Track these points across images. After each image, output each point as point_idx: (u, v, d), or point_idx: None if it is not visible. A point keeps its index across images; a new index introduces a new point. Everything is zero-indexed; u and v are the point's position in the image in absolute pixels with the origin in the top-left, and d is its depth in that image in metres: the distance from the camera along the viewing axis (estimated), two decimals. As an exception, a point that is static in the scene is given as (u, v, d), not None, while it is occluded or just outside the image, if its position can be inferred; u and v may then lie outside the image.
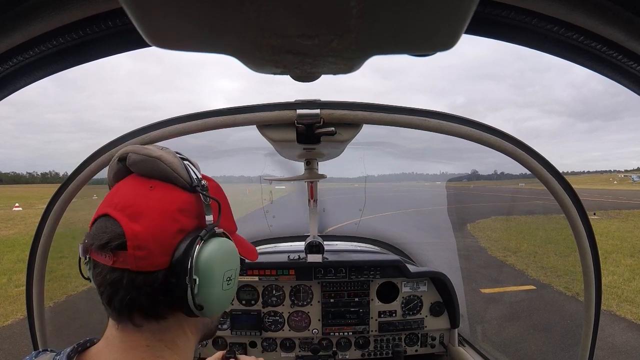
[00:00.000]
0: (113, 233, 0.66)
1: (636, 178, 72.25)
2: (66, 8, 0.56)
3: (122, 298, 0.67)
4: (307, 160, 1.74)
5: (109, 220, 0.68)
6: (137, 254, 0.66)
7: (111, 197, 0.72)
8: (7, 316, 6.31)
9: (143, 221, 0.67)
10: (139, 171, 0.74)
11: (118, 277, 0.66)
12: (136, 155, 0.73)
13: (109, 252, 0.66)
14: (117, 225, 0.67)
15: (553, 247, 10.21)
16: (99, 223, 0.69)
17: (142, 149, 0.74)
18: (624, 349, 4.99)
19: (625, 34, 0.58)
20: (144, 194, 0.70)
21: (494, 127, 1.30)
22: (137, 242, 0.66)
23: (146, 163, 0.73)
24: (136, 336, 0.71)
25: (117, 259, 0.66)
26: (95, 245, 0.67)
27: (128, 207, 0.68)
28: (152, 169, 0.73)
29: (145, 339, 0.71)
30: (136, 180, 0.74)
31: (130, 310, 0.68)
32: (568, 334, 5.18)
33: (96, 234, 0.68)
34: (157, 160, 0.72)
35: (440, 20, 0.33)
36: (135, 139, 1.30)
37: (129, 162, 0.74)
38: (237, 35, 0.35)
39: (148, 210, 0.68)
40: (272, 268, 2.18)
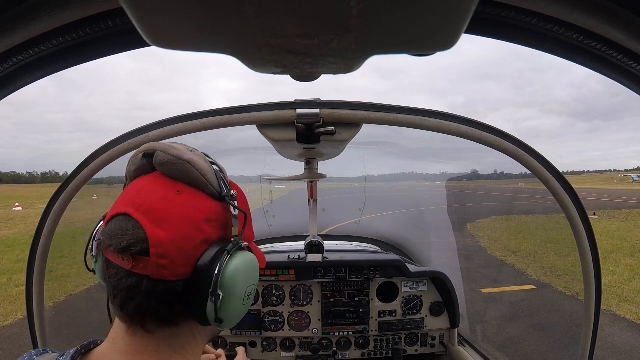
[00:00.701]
0: (135, 237, 0.63)
1: (636, 178, 72.29)
2: (66, 8, 0.56)
3: (139, 304, 0.64)
4: (307, 160, 1.74)
5: (130, 221, 0.64)
6: (160, 262, 0.63)
7: (133, 195, 0.67)
8: (7, 316, 6.31)
9: (167, 228, 0.64)
10: (166, 172, 0.70)
11: (136, 283, 0.63)
12: (164, 155, 0.69)
13: (129, 257, 0.63)
14: (140, 229, 0.63)
15: (553, 247, 10.21)
16: (117, 222, 0.66)
17: (170, 148, 0.70)
18: (624, 349, 4.99)
19: (625, 34, 0.58)
20: (170, 199, 0.66)
21: (494, 127, 1.30)
22: (160, 250, 0.63)
23: (175, 165, 0.68)
24: (145, 341, 0.68)
25: (137, 264, 0.63)
26: (114, 247, 0.64)
27: (153, 211, 0.64)
28: (181, 173, 0.69)
29: (154, 344, 0.69)
30: (162, 181, 0.69)
31: (144, 315, 0.66)
32: (568, 334, 5.18)
33: (115, 234, 0.64)
34: (187, 164, 0.68)
35: (440, 20, 0.33)
36: (135, 138, 1.30)
37: (157, 161, 0.69)
38: (237, 35, 0.35)
39: (173, 216, 0.65)
40: (272, 268, 2.18)
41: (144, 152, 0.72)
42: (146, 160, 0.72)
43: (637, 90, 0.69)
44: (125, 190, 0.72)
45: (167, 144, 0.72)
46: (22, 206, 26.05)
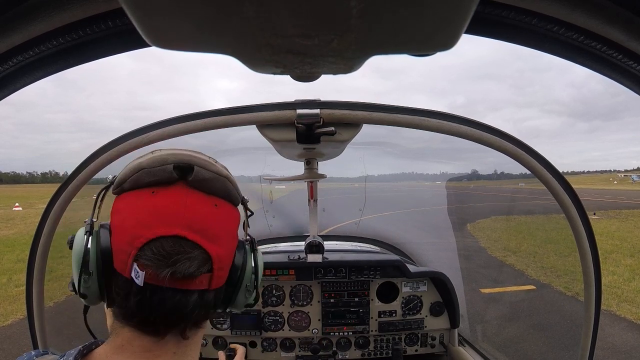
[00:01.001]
0: (200, 259, 0.64)
1: (636, 178, 72.28)
2: (66, 8, 0.56)
3: (186, 317, 0.66)
4: (307, 160, 1.74)
5: (184, 242, 0.63)
6: (219, 275, 0.68)
7: (174, 213, 0.64)
8: (7, 316, 6.31)
9: (221, 243, 0.68)
10: (201, 187, 0.68)
11: (189, 298, 0.65)
12: (206, 172, 0.68)
13: (195, 279, 0.64)
14: (200, 249, 0.64)
15: (553, 247, 10.21)
16: (167, 245, 0.63)
17: (209, 164, 0.70)
18: (624, 349, 4.99)
19: (626, 34, 0.58)
20: (214, 214, 0.68)
21: (494, 127, 1.30)
22: (220, 264, 0.68)
23: (214, 182, 0.69)
24: (161, 344, 0.68)
25: (200, 282, 0.65)
26: (178, 274, 0.62)
27: (206, 229, 0.65)
28: (219, 189, 0.70)
29: (173, 346, 0.70)
30: (197, 195, 0.68)
31: (186, 325, 0.68)
32: (568, 334, 5.18)
33: (169, 259, 0.62)
34: (226, 181, 0.71)
35: (440, 20, 0.33)
36: (135, 138, 1.30)
37: (197, 177, 0.67)
38: (237, 35, 0.35)
39: (222, 231, 0.69)
40: (272, 268, 2.18)
41: (174, 164, 0.67)
42: (176, 173, 0.67)
43: (637, 90, 0.69)
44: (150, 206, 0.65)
45: (199, 157, 0.70)
46: (22, 206, 26.05)
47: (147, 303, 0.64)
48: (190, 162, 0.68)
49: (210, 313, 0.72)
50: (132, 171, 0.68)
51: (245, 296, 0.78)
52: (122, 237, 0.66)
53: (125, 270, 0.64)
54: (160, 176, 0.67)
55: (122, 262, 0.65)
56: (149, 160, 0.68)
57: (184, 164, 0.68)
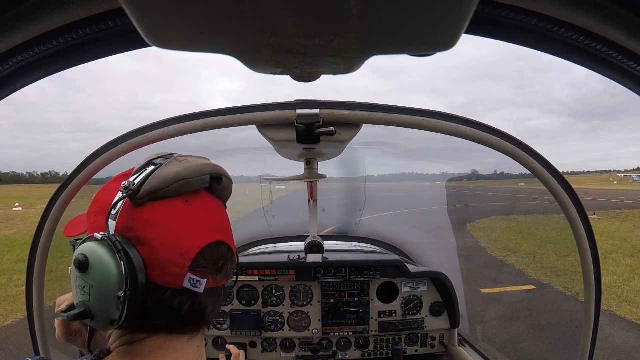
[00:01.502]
0: (232, 259, 0.75)
1: (636, 178, 72.28)
2: (66, 8, 0.56)
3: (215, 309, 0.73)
4: (307, 160, 1.74)
5: (224, 246, 0.72)
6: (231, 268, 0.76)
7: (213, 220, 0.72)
8: (7, 316, 6.31)
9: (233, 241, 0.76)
10: (218, 193, 0.76)
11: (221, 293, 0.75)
12: (228, 182, 0.77)
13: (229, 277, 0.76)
14: (231, 251, 0.74)
15: (553, 247, 10.21)
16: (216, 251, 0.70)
17: (227, 173, 0.77)
18: (624, 349, 4.99)
19: (626, 34, 0.58)
20: (226, 216, 0.78)
21: (493, 127, 1.30)
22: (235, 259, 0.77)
23: (230, 189, 0.79)
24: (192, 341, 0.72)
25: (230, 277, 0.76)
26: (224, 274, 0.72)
27: (229, 232, 0.75)
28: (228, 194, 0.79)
29: (198, 340, 0.74)
30: (215, 201, 0.76)
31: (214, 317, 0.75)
32: (568, 334, 5.18)
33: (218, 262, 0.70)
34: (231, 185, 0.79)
35: (440, 20, 0.33)
36: (135, 138, 1.30)
37: (223, 186, 0.76)
38: (237, 36, 0.35)
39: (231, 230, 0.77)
40: (272, 268, 2.18)
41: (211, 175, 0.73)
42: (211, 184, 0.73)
43: (637, 90, 0.69)
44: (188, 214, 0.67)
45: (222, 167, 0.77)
46: (22, 206, 26.05)
47: (197, 307, 0.68)
48: (219, 173, 0.74)
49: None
50: (172, 181, 0.66)
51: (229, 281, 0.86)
52: (169, 250, 0.64)
53: (176, 282, 0.64)
54: (197, 186, 0.70)
55: (172, 275, 0.63)
56: (186, 169, 0.68)
57: (216, 174, 0.74)
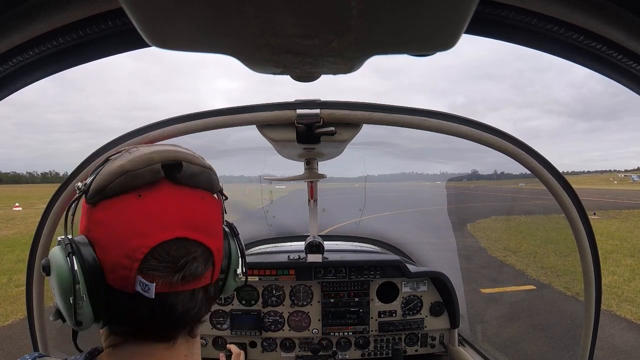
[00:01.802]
0: (205, 255, 0.64)
1: (636, 178, 72.27)
2: (66, 8, 0.56)
3: (195, 314, 0.66)
4: (307, 160, 1.74)
5: (188, 243, 0.62)
6: (218, 267, 0.69)
7: (171, 215, 0.61)
8: (7, 316, 6.31)
9: (216, 235, 0.68)
10: (189, 182, 0.65)
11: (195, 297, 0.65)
12: (193, 167, 0.65)
13: (203, 275, 0.65)
14: (202, 246, 0.64)
15: (553, 247, 10.21)
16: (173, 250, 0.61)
17: (193, 157, 0.66)
18: (624, 349, 4.99)
19: (626, 34, 0.58)
20: (203, 208, 0.66)
21: (493, 127, 1.30)
22: (219, 257, 0.69)
23: (201, 175, 0.67)
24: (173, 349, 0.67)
25: (206, 279, 0.66)
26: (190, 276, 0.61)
27: (202, 225, 0.65)
28: (205, 181, 0.68)
29: (184, 349, 0.69)
30: (184, 191, 0.65)
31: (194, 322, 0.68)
32: (568, 334, 5.18)
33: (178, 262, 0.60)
34: (209, 172, 0.69)
35: (440, 20, 0.33)
36: (135, 138, 1.30)
37: (186, 173, 0.64)
38: (237, 36, 0.35)
39: (213, 224, 0.68)
40: (272, 268, 2.18)
41: (162, 163, 0.62)
42: (164, 172, 0.63)
43: (637, 90, 0.69)
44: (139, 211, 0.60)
45: (183, 150, 0.67)
46: (22, 206, 26.05)
47: (159, 313, 0.61)
48: (177, 158, 0.64)
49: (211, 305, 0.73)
50: (114, 175, 0.60)
51: (235, 280, 0.78)
52: (117, 251, 0.59)
53: (127, 286, 0.60)
54: (148, 178, 0.61)
55: (122, 279, 0.60)
56: (131, 161, 0.61)
57: (172, 161, 0.63)
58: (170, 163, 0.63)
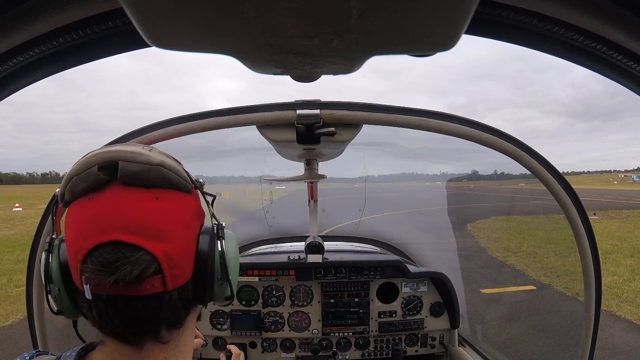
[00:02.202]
0: (142, 261, 0.59)
1: (636, 178, 72.26)
2: (66, 8, 0.56)
3: (154, 320, 0.63)
4: (307, 161, 1.74)
5: (123, 247, 0.59)
6: (173, 273, 0.63)
7: (107, 218, 0.60)
8: (7, 316, 6.31)
9: (169, 239, 0.63)
10: (135, 181, 0.62)
11: (149, 303, 0.61)
12: (133, 165, 0.62)
13: (143, 283, 0.60)
14: (142, 251, 0.60)
15: (553, 248, 10.20)
16: (106, 253, 0.59)
17: (136, 155, 0.63)
18: (624, 349, 4.98)
19: (626, 34, 0.58)
20: (153, 209, 0.62)
21: (493, 127, 1.30)
22: (171, 262, 0.62)
23: (148, 173, 0.63)
24: (156, 351, 0.67)
25: (152, 286, 0.61)
26: (122, 282, 0.58)
27: (145, 228, 0.61)
28: (156, 178, 0.64)
29: (164, 352, 0.68)
30: (133, 192, 0.62)
31: (158, 329, 0.65)
32: (568, 334, 5.18)
33: (111, 267, 0.58)
34: (159, 168, 0.64)
35: (440, 21, 0.33)
36: (135, 139, 1.30)
37: (123, 173, 0.61)
38: (237, 36, 0.35)
39: (167, 225, 0.63)
40: (272, 268, 2.18)
41: (99, 165, 0.61)
42: (102, 174, 0.61)
43: (637, 90, 0.69)
44: (86, 214, 0.61)
45: (125, 149, 0.64)
46: (22, 206, 26.04)
47: (105, 314, 0.61)
48: (113, 159, 0.62)
49: (183, 312, 0.69)
50: (66, 182, 0.63)
51: (222, 288, 0.72)
52: (70, 252, 0.63)
53: (80, 284, 0.61)
54: (91, 180, 0.61)
55: (76, 277, 0.62)
56: (76, 166, 0.63)
57: (108, 162, 0.62)
58: (107, 164, 0.62)
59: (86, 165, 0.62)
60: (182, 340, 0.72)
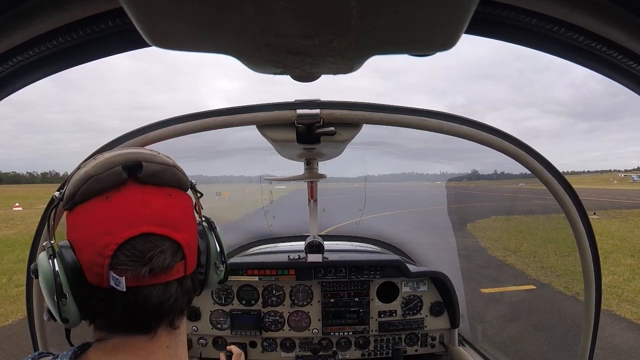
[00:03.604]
0: (172, 248, 0.67)
1: (636, 178, 72.28)
2: (66, 8, 0.56)
3: (171, 306, 0.69)
4: (307, 160, 1.74)
5: (154, 237, 0.65)
6: (190, 260, 0.72)
7: (134, 212, 0.65)
8: (7, 316, 6.31)
9: (185, 229, 0.71)
10: (152, 180, 0.69)
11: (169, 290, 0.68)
12: (154, 165, 0.69)
13: (172, 268, 0.67)
14: (170, 240, 0.67)
15: (553, 247, 10.20)
16: (138, 244, 0.64)
17: (153, 156, 0.71)
18: (624, 349, 4.99)
19: (626, 34, 0.58)
20: (170, 204, 0.70)
21: (494, 127, 1.30)
22: (190, 249, 0.71)
23: (164, 173, 0.71)
24: (154, 340, 0.70)
25: (178, 271, 0.69)
26: (157, 269, 0.64)
27: (168, 220, 0.68)
28: (170, 178, 0.72)
29: (166, 339, 0.72)
30: (150, 190, 0.69)
31: (174, 314, 0.71)
32: (568, 334, 5.18)
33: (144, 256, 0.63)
34: (173, 169, 0.73)
35: (440, 20, 0.33)
36: (135, 139, 1.30)
37: (147, 172, 0.68)
38: (237, 35, 0.35)
39: (182, 218, 0.71)
40: (272, 268, 2.18)
41: (123, 164, 0.67)
42: (126, 173, 0.67)
43: (637, 90, 0.69)
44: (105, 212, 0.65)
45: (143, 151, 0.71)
46: (22, 206, 26.05)
47: (133, 306, 0.65)
48: (137, 159, 0.68)
49: (192, 298, 0.76)
50: (81, 182, 0.66)
51: (217, 273, 0.83)
52: (90, 251, 0.65)
53: (102, 282, 0.64)
54: (112, 180, 0.66)
55: (97, 275, 0.65)
56: (95, 167, 0.67)
57: (132, 162, 0.68)
58: (131, 164, 0.68)
59: (109, 165, 0.67)
60: (182, 329, 0.77)
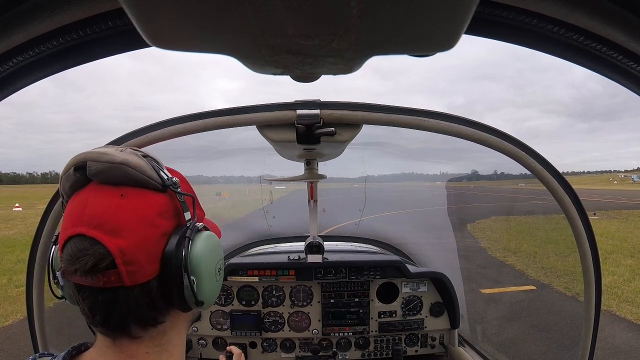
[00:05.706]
0: (97, 254, 0.63)
1: (636, 178, 72.24)
2: (66, 8, 0.56)
3: (121, 315, 0.66)
4: (307, 161, 1.74)
5: (85, 240, 0.64)
6: (129, 269, 0.64)
7: (78, 212, 0.66)
8: (7, 316, 6.30)
9: (125, 235, 0.64)
10: (103, 180, 0.68)
11: (112, 296, 0.64)
12: (98, 164, 0.66)
13: (98, 275, 0.63)
14: (98, 245, 0.63)
15: (553, 248, 10.20)
16: (74, 245, 0.64)
17: (101, 155, 0.67)
18: (624, 349, 4.98)
19: (626, 34, 0.58)
20: (116, 205, 0.65)
21: (493, 127, 1.30)
22: (125, 257, 0.64)
23: (111, 171, 0.66)
24: (134, 346, 0.70)
25: (108, 279, 0.63)
26: (80, 272, 0.63)
27: (104, 223, 0.64)
28: (120, 176, 0.67)
29: (144, 347, 0.71)
30: (102, 190, 0.67)
31: (128, 324, 0.68)
32: (568, 334, 5.18)
33: (75, 257, 0.64)
34: (122, 166, 0.66)
35: (440, 21, 0.33)
36: (135, 139, 1.30)
37: (90, 172, 0.67)
38: (237, 36, 0.35)
39: (126, 222, 0.65)
40: (272, 268, 2.18)
41: (74, 166, 0.68)
42: (79, 174, 0.68)
43: (636, 90, 0.69)
44: (67, 210, 0.69)
45: (96, 150, 0.69)
46: (22, 206, 26.05)
47: (81, 300, 0.67)
48: (84, 159, 0.67)
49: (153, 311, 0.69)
50: (59, 181, 0.72)
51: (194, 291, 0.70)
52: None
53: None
54: (73, 180, 0.69)
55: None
56: (63, 167, 0.70)
57: (80, 163, 0.67)
58: (80, 164, 0.68)
59: (67, 166, 0.69)
60: (166, 340, 0.74)
